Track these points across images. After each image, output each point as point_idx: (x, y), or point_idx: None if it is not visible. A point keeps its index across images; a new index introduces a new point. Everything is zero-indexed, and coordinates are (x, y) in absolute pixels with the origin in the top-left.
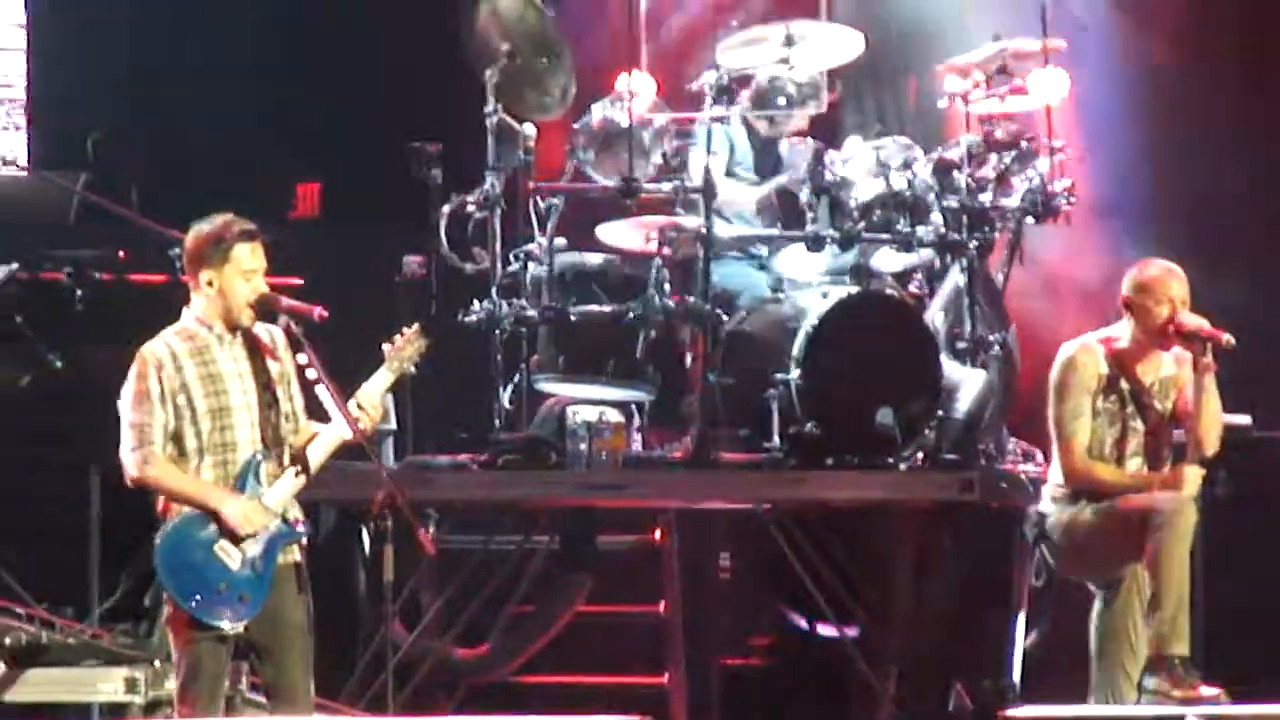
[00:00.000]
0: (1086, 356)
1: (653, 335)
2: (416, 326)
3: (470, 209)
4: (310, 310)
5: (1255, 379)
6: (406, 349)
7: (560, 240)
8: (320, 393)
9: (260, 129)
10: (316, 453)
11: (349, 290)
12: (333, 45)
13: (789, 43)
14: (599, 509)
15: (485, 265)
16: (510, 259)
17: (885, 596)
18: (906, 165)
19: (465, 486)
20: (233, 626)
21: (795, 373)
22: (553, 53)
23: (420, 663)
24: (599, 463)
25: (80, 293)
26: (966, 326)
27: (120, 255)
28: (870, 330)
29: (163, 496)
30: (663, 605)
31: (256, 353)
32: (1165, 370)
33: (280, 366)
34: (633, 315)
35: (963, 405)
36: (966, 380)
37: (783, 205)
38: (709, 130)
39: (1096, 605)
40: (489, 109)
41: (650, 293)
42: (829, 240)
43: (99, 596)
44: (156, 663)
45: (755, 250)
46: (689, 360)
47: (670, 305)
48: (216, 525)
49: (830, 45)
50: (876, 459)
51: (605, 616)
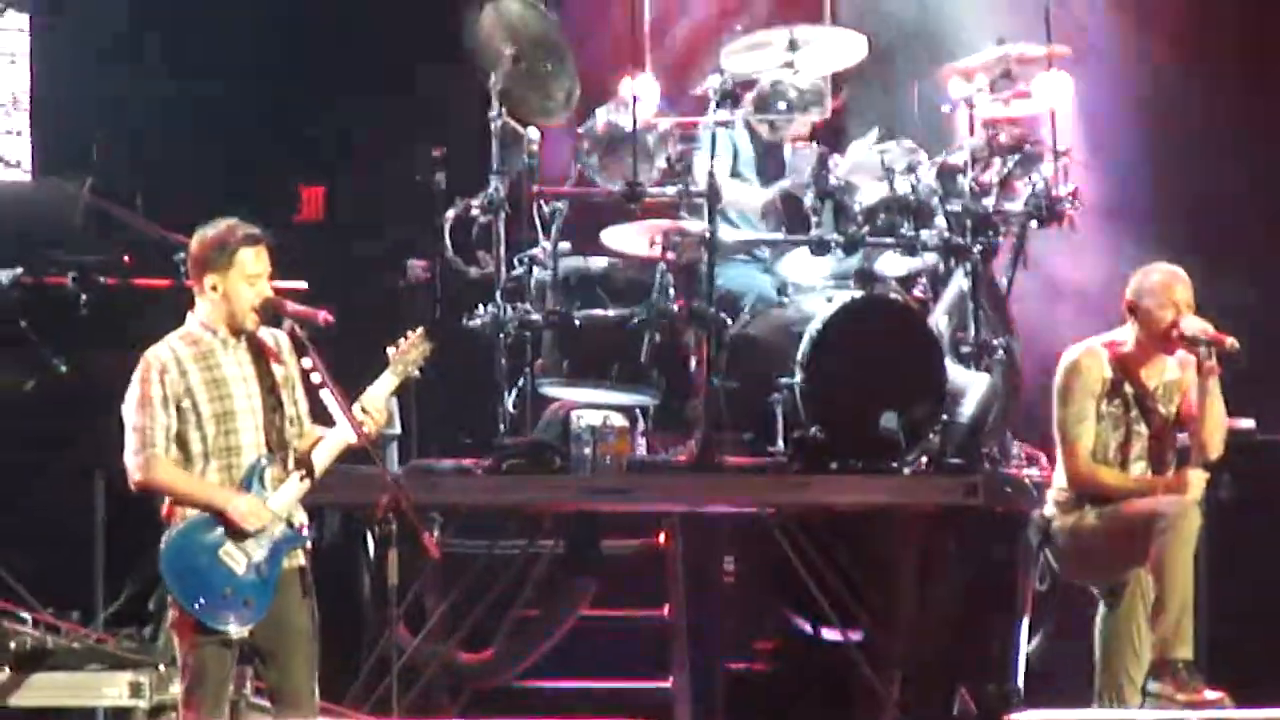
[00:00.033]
0: (1091, 360)
1: (657, 339)
2: (421, 330)
3: (474, 213)
4: (315, 314)
5: (1259, 382)
6: (411, 353)
7: (564, 244)
8: (325, 397)
9: (264, 133)
10: (321, 457)
11: (353, 294)
12: (336, 49)
13: (793, 47)
14: (603, 513)
15: (489, 269)
16: (514, 263)
17: (889, 601)
18: (910, 169)
19: (469, 491)
20: (238, 631)
21: (799, 377)
22: (557, 57)
23: (425, 667)
24: (603, 467)
25: (85, 297)
26: (970, 331)
27: (125, 260)
28: (874, 334)
29: (167, 499)
30: (667, 609)
31: (261, 357)
32: (1169, 374)
33: (285, 370)
34: (637, 319)
35: (967, 409)
36: (970, 384)
37: (787, 210)
38: (713, 135)
39: (1100, 609)
40: (493, 113)
41: (654, 297)
42: (833, 244)
43: (104, 601)
44: (161, 667)
45: (760, 254)
46: (693, 364)
47: (674, 309)
48: (222, 529)
49: (834, 49)
50: (881, 463)
51: (609, 620)
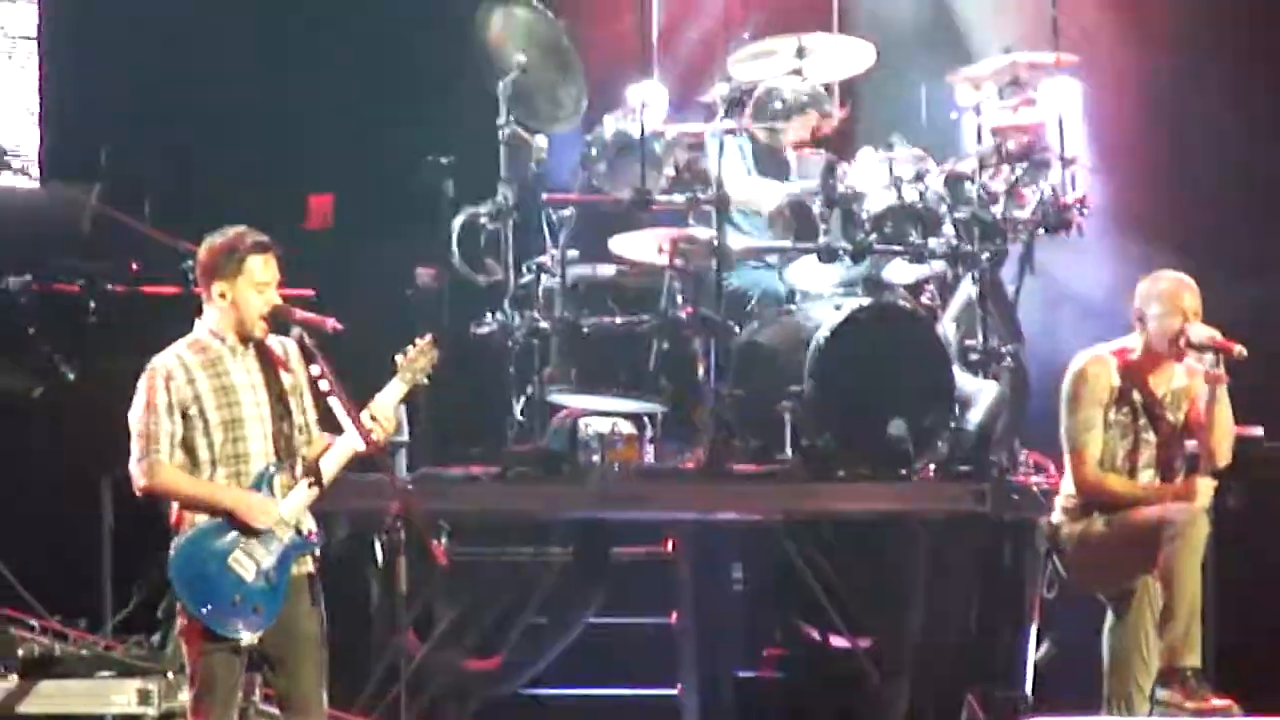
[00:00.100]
0: (1098, 368)
1: (665, 347)
2: (429, 338)
3: (482, 221)
4: (323, 322)
5: (1267, 390)
6: (419, 360)
7: (573, 252)
8: (333, 404)
9: (273, 140)
10: (329, 464)
11: (361, 302)
12: (345, 56)
13: (800, 54)
14: (611, 521)
15: (498, 277)
16: (523, 271)
17: (897, 608)
18: (918, 177)
19: (478, 498)
20: (247, 638)
21: (808, 384)
22: (565, 64)
23: (433, 674)
24: (612, 475)
25: (93, 304)
26: (979, 338)
27: (133, 267)
28: (882, 342)
29: (176, 506)
30: (675, 617)
31: (269, 364)
32: (1177, 382)
33: (293, 378)
34: (645, 327)
35: (975, 417)
36: (979, 392)
37: (795, 217)
38: (720, 142)
39: (1109, 617)
40: (501, 120)
41: (663, 305)
42: (841, 252)
43: (112, 608)
44: (170, 674)
45: (770, 261)
46: (701, 372)
47: (683, 317)
48: (230, 536)
49: (842, 57)
50: (889, 471)
51: (618, 628)
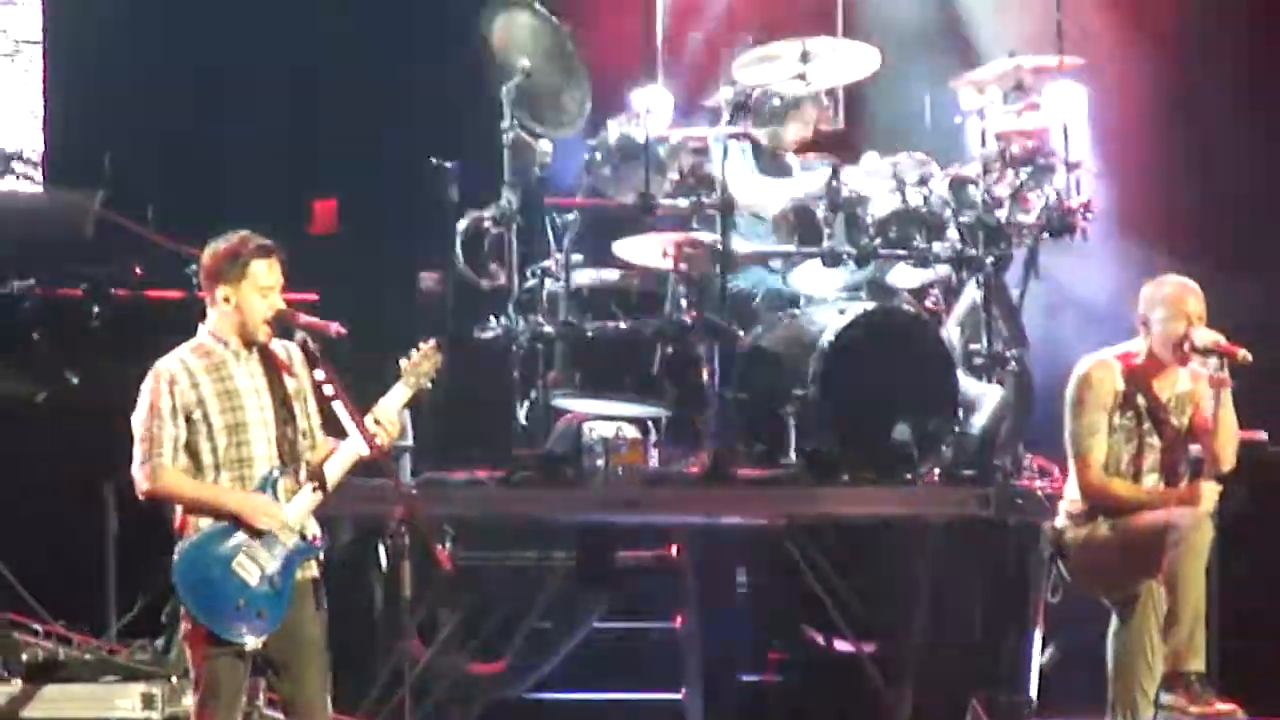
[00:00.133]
0: (1103, 373)
1: (669, 351)
2: (433, 342)
3: (487, 225)
4: (327, 326)
5: (1272, 394)
6: (423, 365)
7: (577, 256)
8: (337, 409)
9: (277, 145)
10: (334, 469)
11: (365, 306)
12: (350, 61)
13: (805, 59)
14: (615, 525)
15: (502, 281)
16: (527, 275)
17: (902, 612)
18: (923, 181)
19: (482, 502)
20: (251, 642)
21: (812, 388)
22: (569, 69)
23: (438, 679)
24: (616, 479)
25: (97, 309)
26: (983, 342)
27: (137, 272)
28: (887, 346)
29: (180, 511)
30: (679, 621)
31: (273, 369)
32: (1181, 386)
33: (297, 383)
34: (649, 331)
35: (979, 421)
36: (983, 396)
37: (799, 221)
38: (725, 146)
39: (1113, 622)
40: (505, 125)
41: (667, 309)
42: (846, 256)
43: (116, 612)
44: (174, 679)
45: (774, 266)
46: (705, 376)
47: (687, 321)
48: (234, 541)
49: (846, 61)
50: (893, 475)
51: (622, 632)
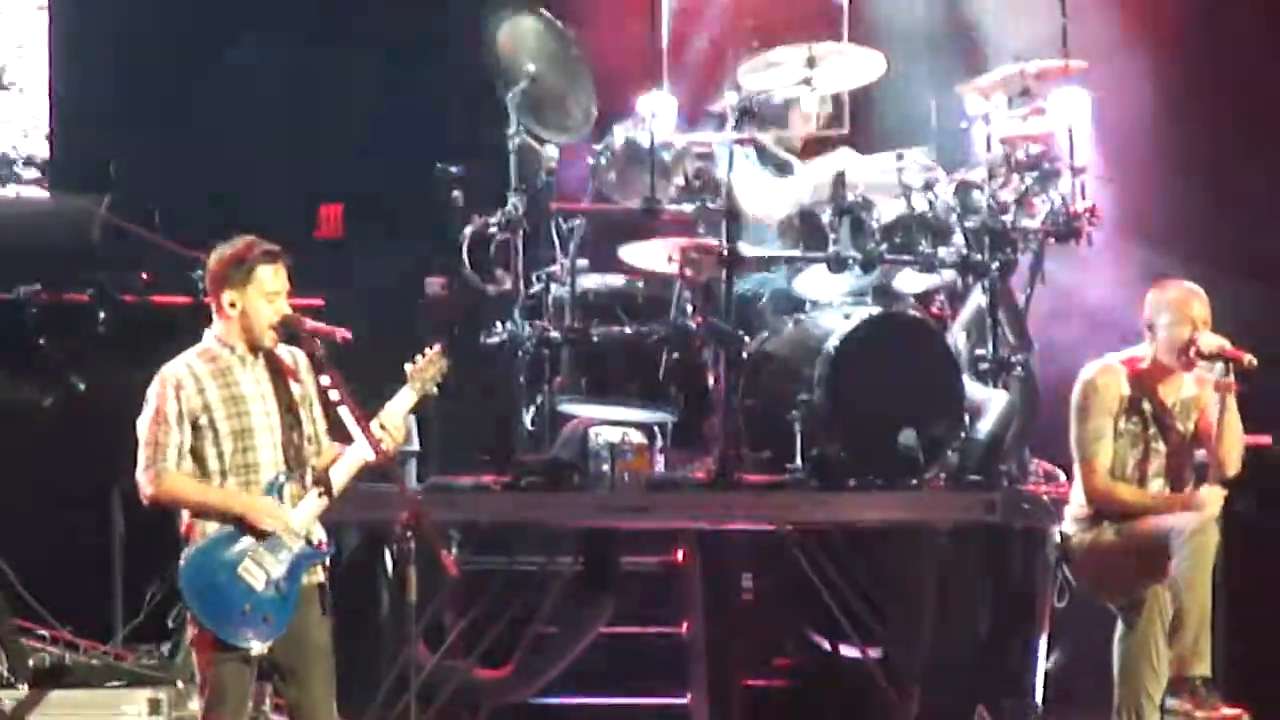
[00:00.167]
0: (1108, 378)
1: (675, 356)
2: (438, 347)
3: (492, 230)
4: (333, 331)
5: (1277, 399)
6: (428, 370)
7: (582, 261)
8: (343, 414)
9: (282, 150)
10: (339, 474)
11: (371, 311)
12: (356, 66)
13: (810, 64)
14: (621, 530)
15: (507, 287)
16: (533, 280)
17: (908, 617)
18: (928, 186)
19: (488, 508)
20: (257, 647)
21: (817, 394)
22: (575, 74)
23: (443, 684)
24: (621, 484)
25: (103, 315)
26: (988, 347)
27: (143, 277)
28: (892, 351)
29: (186, 516)
30: (685, 626)
31: (279, 374)
32: (1187, 391)
33: (302, 388)
34: (655, 337)
35: (985, 426)
36: (989, 401)
37: (805, 226)
38: (730, 151)
39: (1119, 626)
40: (511, 130)
41: (673, 314)
42: (851, 261)
43: (123, 618)
44: (180, 684)
45: (779, 270)
46: (711, 381)
47: (693, 326)
48: (240, 547)
49: (852, 66)
50: (899, 480)
51: (628, 637)
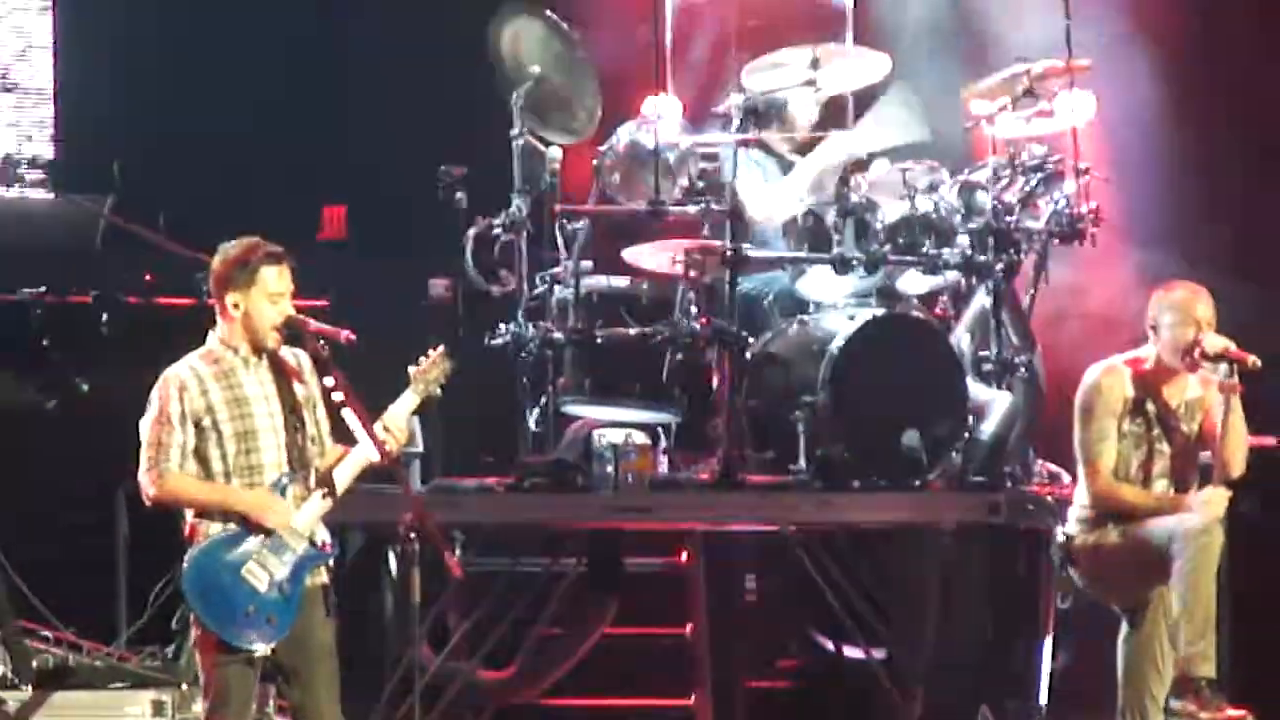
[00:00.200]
0: (1112, 379)
1: (679, 358)
2: (442, 349)
3: (496, 232)
4: (337, 333)
5: (1278, 400)
6: (432, 371)
7: (586, 263)
8: (346, 415)
9: (286, 151)
10: (343, 475)
11: (375, 313)
12: (359, 68)
13: (814, 65)
14: (625, 531)
15: (511, 288)
16: (536, 282)
17: (912, 619)
18: (932, 188)
19: (492, 509)
20: (261, 649)
21: (821, 395)
22: (579, 75)
23: (447, 685)
24: (625, 485)
25: (106, 316)
26: (992, 348)
27: (146, 279)
28: (896, 352)
29: (189, 517)
30: (689, 627)
31: (282, 375)
32: (1191, 392)
33: (306, 390)
34: (659, 338)
35: (989, 427)
36: (992, 402)
37: (809, 228)
38: (735, 152)
39: (1123, 628)
40: (515, 132)
41: (676, 315)
42: (855, 263)
43: (127, 619)
44: (184, 685)
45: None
46: (715, 382)
47: (696, 328)
48: (244, 548)
49: (856, 67)
50: (902, 481)
51: (631, 638)
